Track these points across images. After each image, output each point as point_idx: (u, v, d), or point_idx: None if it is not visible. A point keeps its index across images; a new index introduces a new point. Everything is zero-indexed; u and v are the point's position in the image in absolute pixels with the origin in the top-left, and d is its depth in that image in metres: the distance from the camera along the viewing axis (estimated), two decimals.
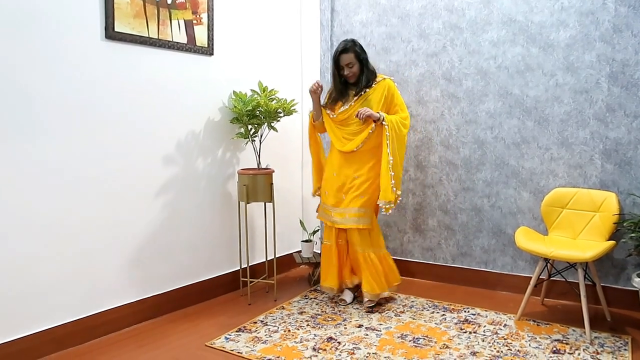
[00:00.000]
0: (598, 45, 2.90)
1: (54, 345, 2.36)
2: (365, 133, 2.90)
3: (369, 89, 2.95)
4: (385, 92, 2.95)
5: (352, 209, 2.94)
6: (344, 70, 2.95)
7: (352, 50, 2.92)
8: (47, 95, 2.28)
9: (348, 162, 2.98)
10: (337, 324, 2.74)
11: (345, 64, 2.93)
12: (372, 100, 2.94)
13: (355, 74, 2.95)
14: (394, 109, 2.99)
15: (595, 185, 2.96)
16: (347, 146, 2.96)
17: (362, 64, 2.95)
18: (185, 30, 2.88)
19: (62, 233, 2.37)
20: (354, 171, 2.96)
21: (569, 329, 2.65)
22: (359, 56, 2.94)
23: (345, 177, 2.98)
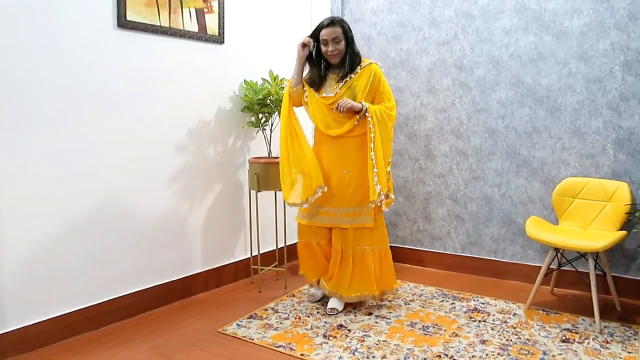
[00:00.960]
0: (612, 33, 2.86)
1: (68, 331, 2.40)
2: (351, 122, 2.62)
3: (353, 75, 2.63)
4: (370, 78, 2.63)
5: (346, 208, 2.69)
6: (329, 46, 2.58)
7: (340, 25, 2.58)
8: (61, 83, 2.30)
9: (334, 155, 2.68)
10: (347, 311, 2.76)
11: (331, 38, 2.57)
12: (357, 86, 2.62)
13: (341, 52, 2.61)
14: (379, 97, 2.67)
15: (607, 175, 2.94)
16: (333, 130, 2.64)
17: (349, 43, 2.63)
18: (196, 18, 2.88)
19: (75, 220, 2.41)
20: (341, 165, 2.67)
21: (578, 319, 2.66)
22: (347, 33, 2.61)
23: (330, 174, 2.69)
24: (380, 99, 2.69)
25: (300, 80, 2.70)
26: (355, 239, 2.71)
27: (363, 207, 2.69)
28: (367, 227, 2.71)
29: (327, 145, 2.70)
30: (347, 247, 2.72)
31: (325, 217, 2.73)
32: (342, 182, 2.68)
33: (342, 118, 2.64)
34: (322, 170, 2.68)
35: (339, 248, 2.74)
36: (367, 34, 3.72)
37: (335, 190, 2.69)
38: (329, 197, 2.69)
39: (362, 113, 2.59)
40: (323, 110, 2.67)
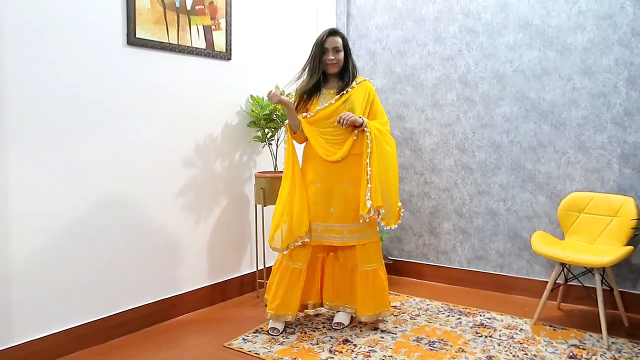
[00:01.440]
0: (616, 49, 2.88)
1: (75, 345, 2.41)
2: (350, 140, 2.60)
3: (350, 89, 2.64)
4: (366, 95, 2.67)
5: (352, 224, 2.63)
6: (329, 55, 2.60)
7: (341, 36, 2.64)
8: (71, 99, 2.35)
9: (336, 171, 2.63)
10: (353, 326, 2.76)
11: (332, 47, 2.60)
12: (355, 101, 2.62)
13: (340, 62, 2.63)
14: (373, 115, 2.69)
15: (613, 190, 2.94)
16: (334, 156, 2.61)
17: (348, 56, 2.67)
18: (204, 35, 2.93)
19: (84, 234, 2.43)
20: (345, 180, 2.63)
21: (585, 334, 2.64)
22: (346, 46, 2.66)
23: (332, 188, 2.63)
24: (373, 116, 2.70)
25: (298, 123, 2.65)
26: (363, 257, 2.67)
27: (369, 224, 2.66)
28: (372, 241, 2.69)
29: (326, 164, 2.63)
30: (355, 264, 2.68)
31: (332, 234, 2.65)
32: (345, 196, 2.63)
33: (339, 137, 2.61)
34: (321, 185, 2.64)
35: (348, 265, 2.72)
36: (372, 49, 3.76)
37: (338, 203, 2.64)
38: (332, 212, 2.64)
39: (362, 128, 2.58)
40: (320, 140, 2.63)
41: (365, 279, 2.66)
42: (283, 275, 2.66)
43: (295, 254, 2.64)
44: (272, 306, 2.66)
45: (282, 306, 2.64)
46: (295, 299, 2.66)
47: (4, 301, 2.16)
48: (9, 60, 2.12)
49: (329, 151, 2.63)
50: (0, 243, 2.14)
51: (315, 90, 2.67)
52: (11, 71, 2.13)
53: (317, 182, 2.65)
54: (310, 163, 2.69)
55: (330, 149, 2.63)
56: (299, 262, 2.64)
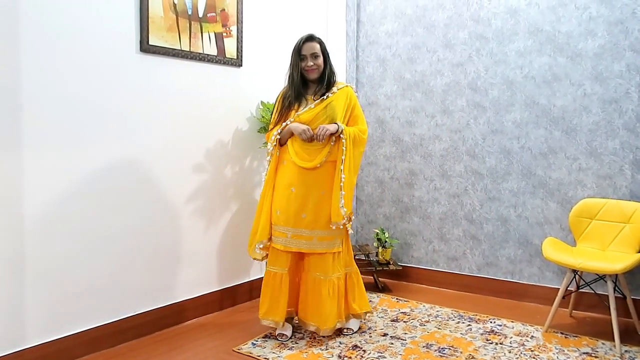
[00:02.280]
0: (628, 54, 2.87)
1: (87, 348, 2.44)
2: (327, 147, 2.60)
3: (330, 94, 2.65)
4: (347, 100, 2.67)
5: (322, 232, 2.60)
6: (307, 61, 2.61)
7: (318, 41, 2.65)
8: (85, 105, 2.38)
9: (313, 177, 2.60)
10: (362, 332, 2.75)
11: (310, 53, 2.61)
12: (336, 106, 2.62)
13: (319, 67, 2.64)
14: (353, 120, 2.70)
15: (625, 196, 2.92)
16: (309, 163, 2.59)
17: (326, 60, 2.68)
18: (215, 42, 2.96)
19: (95, 238, 2.46)
20: (321, 187, 2.60)
21: (598, 342, 2.61)
22: (324, 51, 2.67)
23: (308, 194, 2.59)
24: (354, 122, 2.71)
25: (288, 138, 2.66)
26: (334, 266, 2.64)
27: (339, 231, 2.65)
28: (340, 250, 2.68)
29: (303, 170, 2.60)
30: (326, 274, 2.61)
31: (301, 240, 2.60)
32: (320, 203, 2.59)
33: (316, 144, 2.59)
34: (295, 190, 2.60)
35: (319, 277, 2.61)
36: (382, 56, 3.78)
37: (312, 209, 2.59)
38: (303, 217, 2.60)
39: (338, 134, 2.59)
40: (297, 147, 2.62)
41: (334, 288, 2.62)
42: (267, 280, 2.68)
43: (273, 258, 2.66)
44: (261, 312, 2.65)
45: (269, 311, 2.63)
46: (281, 304, 2.62)
47: (17, 304, 2.19)
48: (24, 65, 2.16)
49: (304, 158, 2.61)
50: (14, 246, 2.17)
51: (296, 98, 2.67)
52: (26, 76, 2.17)
53: (293, 186, 2.61)
54: (287, 167, 2.65)
55: (306, 156, 2.61)
56: (278, 267, 2.64)
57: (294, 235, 2.61)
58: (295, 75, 2.66)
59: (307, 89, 2.71)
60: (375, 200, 3.88)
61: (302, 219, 2.59)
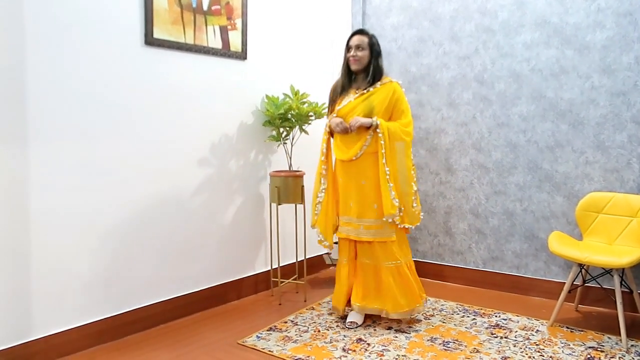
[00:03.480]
0: (636, 46, 2.83)
1: (93, 340, 2.46)
2: (363, 139, 2.66)
3: (372, 88, 2.71)
4: (390, 95, 2.70)
5: (369, 220, 2.70)
6: (352, 51, 2.71)
7: (367, 36, 2.73)
8: (90, 99, 2.39)
9: (353, 168, 2.72)
10: (367, 325, 2.75)
11: (355, 45, 2.70)
12: (375, 100, 2.68)
13: (362, 59, 2.70)
14: (397, 114, 2.73)
15: (633, 190, 2.89)
16: (347, 153, 2.71)
17: (372, 55, 2.73)
18: (220, 35, 2.96)
19: (101, 231, 2.48)
20: (361, 177, 2.71)
21: (604, 337, 2.60)
22: (372, 46, 2.73)
23: (349, 184, 2.74)
24: (397, 117, 2.74)
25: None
26: (385, 254, 2.68)
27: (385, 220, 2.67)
28: (392, 239, 2.69)
29: (344, 162, 2.77)
30: (378, 262, 2.70)
31: (349, 227, 2.76)
32: (362, 192, 2.72)
33: (353, 136, 2.69)
34: (341, 180, 2.78)
35: (369, 263, 2.73)
36: (387, 49, 3.76)
37: (355, 198, 2.72)
38: (351, 206, 2.74)
39: (373, 128, 2.64)
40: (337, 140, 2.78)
41: (390, 276, 2.69)
42: (337, 271, 2.88)
43: (340, 249, 2.85)
44: (333, 302, 2.87)
45: (335, 300, 2.85)
46: (344, 293, 2.81)
47: (24, 296, 2.21)
48: (29, 59, 2.17)
49: (343, 150, 2.74)
50: (21, 239, 2.19)
51: (342, 90, 2.80)
52: (31, 69, 2.18)
53: (340, 177, 2.81)
54: (337, 161, 2.84)
55: (344, 148, 2.73)
56: (344, 257, 2.82)
57: (344, 223, 2.79)
58: (343, 67, 2.80)
59: (352, 82, 2.80)
60: None
61: (350, 207, 2.75)
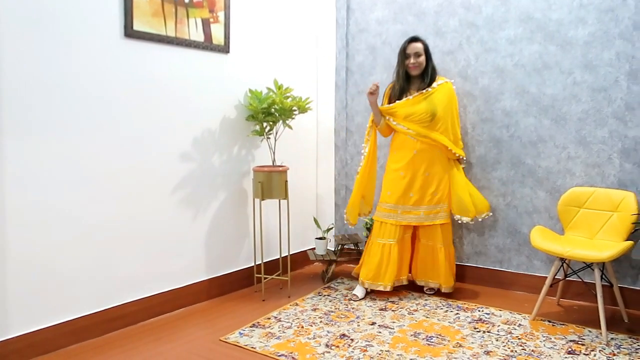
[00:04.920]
0: (617, 42, 2.86)
1: (73, 337, 2.41)
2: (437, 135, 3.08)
3: (430, 88, 3.06)
4: (449, 94, 3.10)
5: (427, 206, 3.10)
6: (411, 59, 3.03)
7: (422, 42, 3.06)
8: (69, 92, 2.34)
9: (416, 161, 3.07)
10: (350, 321, 2.75)
11: (414, 52, 3.02)
12: (436, 99, 3.04)
13: (421, 65, 3.05)
14: (452, 114, 3.12)
15: (614, 185, 2.92)
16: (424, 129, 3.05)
17: (428, 59, 3.07)
18: (202, 28, 2.91)
19: (81, 227, 2.43)
20: (424, 170, 3.07)
21: (584, 330, 2.63)
22: (427, 50, 3.07)
23: (414, 175, 3.07)
24: (453, 118, 3.13)
25: (380, 118, 3.16)
26: (442, 236, 3.11)
27: (441, 205, 3.12)
28: (448, 222, 3.15)
29: (410, 152, 3.08)
30: (435, 243, 3.13)
31: (410, 215, 3.10)
32: (425, 183, 3.09)
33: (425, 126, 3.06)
34: (406, 173, 3.08)
35: (429, 244, 3.15)
36: (372, 43, 3.74)
37: (418, 190, 3.08)
38: (411, 197, 3.08)
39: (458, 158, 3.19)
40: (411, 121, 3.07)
41: (446, 255, 3.12)
42: (375, 251, 3.13)
43: (381, 231, 3.11)
44: (368, 277, 3.10)
45: (377, 277, 3.08)
46: (390, 271, 3.08)
47: (1, 293, 2.16)
48: (4, 51, 2.10)
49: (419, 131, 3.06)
50: None
51: (400, 93, 3.11)
52: (7, 62, 2.11)
53: (401, 170, 3.09)
54: (397, 154, 3.14)
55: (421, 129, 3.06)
56: (386, 238, 3.09)
57: (403, 212, 3.10)
58: (401, 72, 3.10)
59: (411, 84, 3.12)
60: None
61: (410, 198, 3.09)
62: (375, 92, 3.07)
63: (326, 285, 3.39)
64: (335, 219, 3.99)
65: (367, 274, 3.11)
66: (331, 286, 3.37)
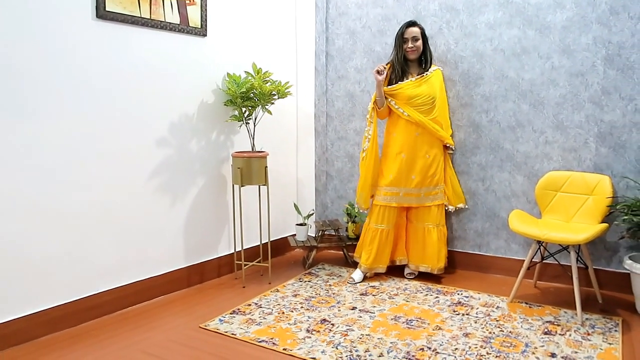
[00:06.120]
0: (594, 27, 2.88)
1: (47, 328, 2.36)
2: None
3: (428, 73, 3.13)
4: (441, 83, 3.22)
5: (428, 188, 3.17)
6: (409, 43, 3.08)
7: (419, 27, 3.12)
8: (37, 75, 2.25)
9: (418, 143, 3.12)
10: (331, 306, 2.75)
11: (412, 37, 3.08)
12: (435, 84, 3.14)
13: (419, 49, 3.11)
14: (444, 100, 3.22)
15: (590, 169, 2.96)
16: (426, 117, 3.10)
17: (425, 43, 3.13)
18: (178, 10, 2.83)
19: (54, 215, 2.36)
20: (425, 152, 3.13)
21: (560, 311, 2.68)
22: (424, 35, 3.13)
23: (415, 158, 3.13)
24: (443, 102, 3.21)
25: (383, 100, 3.15)
26: (435, 216, 3.18)
27: (440, 186, 3.21)
28: (442, 203, 3.23)
29: (413, 136, 3.13)
30: (428, 224, 3.18)
31: (411, 197, 3.16)
32: (426, 164, 3.14)
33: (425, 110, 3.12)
34: (408, 155, 3.12)
35: (420, 226, 3.20)
36: (351, 27, 3.70)
37: (420, 172, 3.13)
38: (413, 179, 3.13)
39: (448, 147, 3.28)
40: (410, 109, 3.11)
41: (439, 235, 3.18)
42: (373, 236, 3.18)
43: (380, 217, 3.16)
44: (368, 262, 3.17)
45: (376, 261, 3.17)
46: (386, 255, 3.20)
47: None
48: None
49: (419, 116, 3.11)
50: None
51: (400, 76, 3.14)
52: None
53: (403, 153, 3.13)
54: (396, 137, 3.17)
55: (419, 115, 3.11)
56: (385, 224, 3.16)
57: (405, 194, 3.16)
58: (399, 56, 3.13)
59: (409, 68, 3.18)
60: (345, 175, 3.85)
61: (412, 180, 3.15)
62: (382, 72, 3.09)
63: (307, 272, 3.38)
64: (316, 205, 3.98)
65: (366, 259, 3.17)
66: (312, 272, 3.36)
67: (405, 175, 3.14)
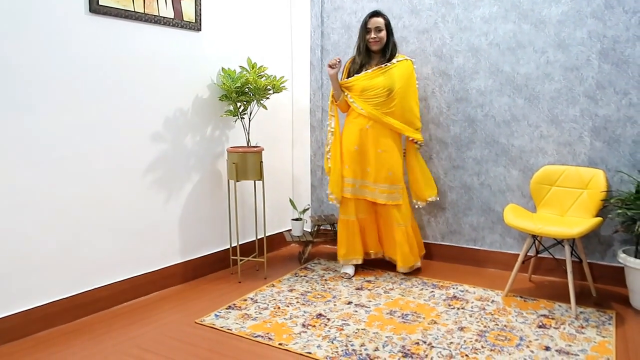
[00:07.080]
0: (589, 21, 2.88)
1: (43, 323, 2.35)
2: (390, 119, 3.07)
3: (389, 64, 3.03)
4: (408, 71, 3.08)
5: (383, 185, 3.08)
6: (372, 34, 3.01)
7: (383, 17, 3.04)
8: (31, 70, 2.23)
9: (370, 137, 3.05)
10: (327, 300, 2.76)
11: (375, 27, 3.01)
12: (395, 75, 3.02)
13: (382, 40, 3.03)
14: (409, 92, 3.08)
15: (584, 163, 2.97)
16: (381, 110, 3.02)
17: (389, 34, 3.06)
18: (172, 4, 2.81)
19: (49, 211, 2.35)
20: (377, 145, 3.05)
21: (555, 305, 2.69)
22: (388, 25, 3.06)
23: (367, 151, 3.07)
24: (411, 94, 3.09)
25: (340, 93, 3.13)
26: (398, 216, 3.09)
27: (396, 186, 3.08)
28: (403, 203, 3.12)
29: (364, 128, 3.06)
30: (391, 222, 3.12)
31: (366, 190, 3.12)
32: (379, 159, 3.06)
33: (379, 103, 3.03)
34: (360, 147, 3.07)
35: (387, 222, 3.16)
36: (347, 22, 3.69)
37: (373, 164, 3.07)
38: (369, 171, 3.09)
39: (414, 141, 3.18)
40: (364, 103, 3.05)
41: (401, 235, 3.11)
42: (341, 228, 3.19)
43: (343, 208, 3.17)
44: (341, 254, 3.20)
45: (348, 252, 3.18)
46: (357, 245, 3.18)
47: None
48: None
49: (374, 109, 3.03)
50: None
51: (360, 67, 3.08)
52: None
53: (356, 145, 3.08)
54: (350, 127, 3.12)
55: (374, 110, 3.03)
56: (348, 214, 3.15)
57: (361, 186, 3.12)
58: (362, 47, 3.08)
59: (371, 60, 3.10)
60: None
61: (367, 172, 3.10)
62: (335, 66, 3.06)
63: (303, 266, 3.39)
64: (312, 200, 3.98)
65: (340, 251, 3.21)
66: (308, 267, 3.37)
67: (360, 167, 3.10)
